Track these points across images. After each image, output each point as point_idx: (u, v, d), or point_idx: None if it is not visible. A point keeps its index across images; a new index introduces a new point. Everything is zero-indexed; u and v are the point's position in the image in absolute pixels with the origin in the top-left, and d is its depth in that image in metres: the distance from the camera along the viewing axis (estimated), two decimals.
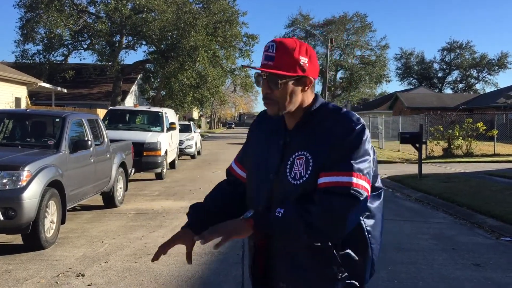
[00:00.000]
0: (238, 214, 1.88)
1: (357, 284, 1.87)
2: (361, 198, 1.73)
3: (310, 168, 1.78)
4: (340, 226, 1.72)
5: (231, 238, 1.76)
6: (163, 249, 1.92)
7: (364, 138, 1.79)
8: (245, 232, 1.78)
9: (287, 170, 1.83)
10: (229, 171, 2.19)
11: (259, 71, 1.84)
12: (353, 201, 1.72)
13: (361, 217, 1.82)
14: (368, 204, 1.82)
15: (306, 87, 1.87)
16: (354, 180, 1.72)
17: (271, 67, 1.81)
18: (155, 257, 1.93)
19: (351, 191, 1.72)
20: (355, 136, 1.77)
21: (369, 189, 1.78)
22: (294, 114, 1.89)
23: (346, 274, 1.83)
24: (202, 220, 1.98)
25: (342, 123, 1.81)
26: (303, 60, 1.83)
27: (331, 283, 1.83)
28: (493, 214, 8.09)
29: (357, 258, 1.84)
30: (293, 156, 1.83)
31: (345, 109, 1.88)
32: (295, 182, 1.80)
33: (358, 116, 1.84)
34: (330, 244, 1.80)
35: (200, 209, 2.05)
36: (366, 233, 1.85)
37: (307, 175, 1.78)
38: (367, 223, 1.86)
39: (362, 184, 1.74)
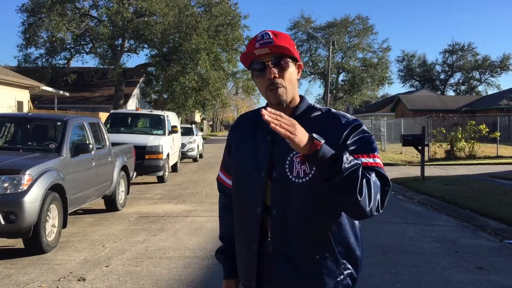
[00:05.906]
0: None
1: (350, 283, 1.85)
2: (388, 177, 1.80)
3: None
4: (383, 200, 1.73)
5: (291, 141, 1.54)
6: None
7: (365, 127, 1.83)
8: (306, 150, 1.56)
9: (287, 169, 1.78)
10: (219, 182, 2.16)
11: (264, 59, 1.78)
12: (388, 181, 1.78)
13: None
14: None
15: (299, 73, 1.88)
16: (378, 160, 1.78)
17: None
18: None
19: (381, 170, 1.76)
20: (362, 129, 1.80)
21: None
22: (285, 110, 1.82)
23: (345, 274, 1.81)
24: (233, 262, 2.03)
25: (339, 121, 1.81)
26: (294, 46, 1.86)
27: (330, 285, 1.80)
28: (497, 216, 8.05)
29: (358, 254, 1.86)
30: (291, 154, 1.79)
31: (333, 109, 1.91)
32: (300, 181, 1.76)
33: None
34: (334, 246, 1.79)
35: (224, 253, 2.09)
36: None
37: (312, 171, 1.74)
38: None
39: (381, 163, 1.80)
